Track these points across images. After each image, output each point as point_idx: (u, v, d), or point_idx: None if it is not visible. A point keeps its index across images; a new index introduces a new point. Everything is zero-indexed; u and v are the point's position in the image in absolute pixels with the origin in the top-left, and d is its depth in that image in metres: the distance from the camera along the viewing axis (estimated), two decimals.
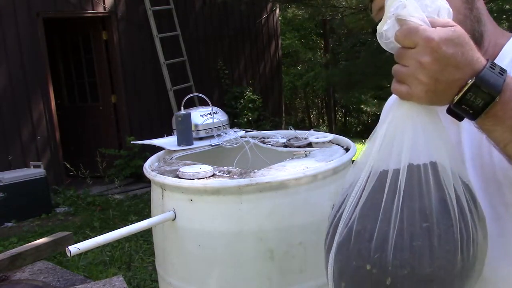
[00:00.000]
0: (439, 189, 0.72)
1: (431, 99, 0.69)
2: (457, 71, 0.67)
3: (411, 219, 0.70)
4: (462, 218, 0.71)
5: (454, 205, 0.71)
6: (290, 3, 8.30)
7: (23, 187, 5.10)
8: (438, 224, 0.70)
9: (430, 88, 0.68)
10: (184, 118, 1.83)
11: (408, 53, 0.68)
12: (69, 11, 6.16)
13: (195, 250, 1.42)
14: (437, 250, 0.70)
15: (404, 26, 0.68)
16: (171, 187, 1.45)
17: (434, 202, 0.71)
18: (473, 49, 0.68)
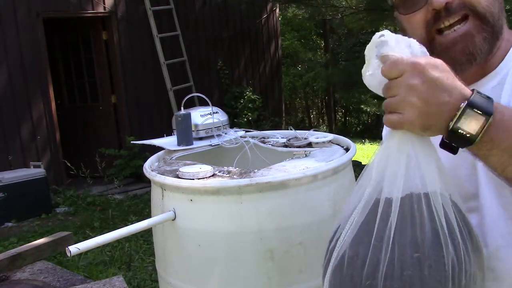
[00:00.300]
0: (432, 219, 0.72)
1: (424, 124, 0.69)
2: (445, 94, 0.68)
3: (403, 248, 0.71)
4: (454, 249, 0.71)
5: (447, 236, 0.71)
6: (290, 3, 8.30)
7: (23, 187, 5.10)
8: (429, 255, 0.70)
9: (421, 110, 0.68)
10: (184, 118, 1.83)
11: (397, 82, 0.69)
12: (69, 11, 6.16)
13: (195, 250, 1.42)
14: (427, 280, 0.70)
15: (389, 60, 0.70)
16: (171, 187, 1.45)
17: (426, 232, 0.71)
18: (455, 77, 0.70)
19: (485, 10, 0.81)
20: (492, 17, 0.82)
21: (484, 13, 0.81)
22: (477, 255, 0.75)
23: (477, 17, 0.82)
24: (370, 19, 6.18)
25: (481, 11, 0.81)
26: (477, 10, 0.81)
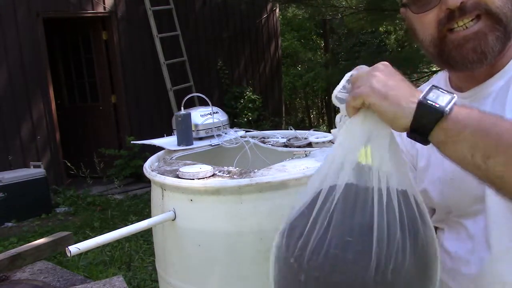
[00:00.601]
0: (378, 211, 0.73)
1: (381, 101, 0.71)
2: (403, 80, 0.73)
3: (337, 230, 0.74)
4: (387, 244, 0.72)
5: (384, 230, 0.72)
6: (290, 3, 8.30)
7: (23, 187, 5.10)
8: (360, 242, 0.72)
9: (379, 88, 0.71)
10: (184, 118, 1.83)
11: (359, 76, 0.74)
12: (69, 11, 6.15)
13: (195, 250, 1.42)
14: (350, 264, 0.72)
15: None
16: (171, 187, 1.45)
17: (365, 222, 0.73)
18: None
19: (499, 9, 0.81)
20: (505, 17, 0.82)
21: (498, 13, 0.81)
22: (420, 260, 0.75)
23: (490, 17, 0.81)
24: (370, 19, 6.18)
25: (495, 10, 0.81)
26: (491, 9, 0.81)
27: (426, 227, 0.78)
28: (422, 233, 0.76)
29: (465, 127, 0.68)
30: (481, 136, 0.67)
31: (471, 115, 0.69)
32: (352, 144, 0.76)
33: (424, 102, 0.70)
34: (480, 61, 0.83)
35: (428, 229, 0.78)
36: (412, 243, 0.74)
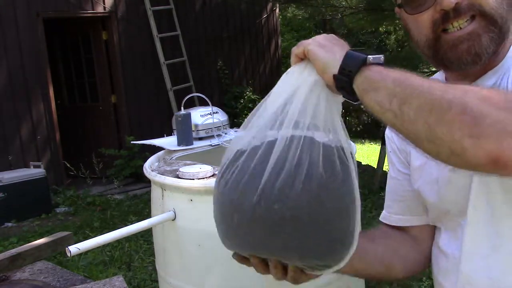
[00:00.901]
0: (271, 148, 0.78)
1: (318, 51, 0.78)
2: (339, 40, 0.80)
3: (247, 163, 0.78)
4: (278, 172, 0.76)
5: (279, 163, 0.76)
6: (290, 3, 8.30)
7: (23, 187, 5.10)
8: (257, 169, 0.76)
9: (318, 42, 0.79)
10: (184, 118, 1.83)
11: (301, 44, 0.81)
12: (69, 11, 6.16)
13: (195, 250, 1.42)
14: (243, 184, 0.77)
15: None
16: (171, 187, 1.46)
17: (266, 157, 0.77)
18: None
19: (494, 10, 0.81)
20: (500, 18, 0.82)
21: (492, 14, 0.82)
22: (312, 198, 0.77)
23: (485, 18, 0.82)
24: (370, 19, 6.17)
25: (490, 11, 0.82)
26: (485, 10, 0.82)
27: (336, 177, 0.79)
28: (322, 178, 0.77)
29: (386, 76, 0.72)
30: (399, 84, 0.71)
31: (393, 69, 0.73)
32: (287, 90, 0.81)
33: (352, 52, 0.76)
34: (474, 62, 0.84)
35: (339, 179, 0.79)
36: (306, 181, 0.75)
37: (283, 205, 0.74)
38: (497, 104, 0.64)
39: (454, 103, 0.65)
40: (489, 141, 0.63)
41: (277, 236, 0.76)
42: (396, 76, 0.72)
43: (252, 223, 0.77)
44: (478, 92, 0.66)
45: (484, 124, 0.63)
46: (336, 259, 0.81)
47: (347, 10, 6.41)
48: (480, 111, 0.64)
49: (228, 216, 0.81)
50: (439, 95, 0.67)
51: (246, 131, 0.82)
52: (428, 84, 0.69)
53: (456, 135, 0.65)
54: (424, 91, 0.68)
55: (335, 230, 0.78)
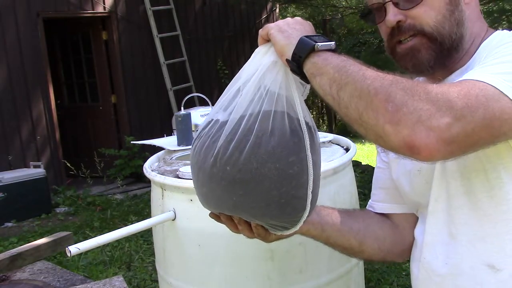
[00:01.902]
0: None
1: (277, 35, 0.88)
2: (301, 25, 0.88)
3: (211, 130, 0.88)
4: (232, 133, 0.85)
5: (232, 125, 0.85)
6: (290, 3, 8.30)
7: (23, 187, 5.10)
8: (215, 132, 0.87)
9: (280, 26, 0.89)
10: (184, 118, 1.83)
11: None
12: (69, 11, 6.15)
13: (195, 250, 1.42)
14: (204, 148, 0.87)
15: None
16: (171, 187, 1.46)
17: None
18: None
19: (433, 29, 0.89)
20: (440, 36, 0.88)
21: (431, 33, 0.89)
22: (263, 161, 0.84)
23: (425, 36, 0.89)
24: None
25: (429, 30, 0.89)
26: (424, 30, 0.89)
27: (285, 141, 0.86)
28: (268, 145, 0.85)
29: (330, 63, 0.80)
30: (338, 70, 0.78)
31: (338, 56, 0.80)
32: (250, 69, 0.92)
33: (304, 38, 0.84)
34: (416, 72, 0.94)
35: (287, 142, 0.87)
36: (254, 147, 0.84)
37: (232, 168, 0.84)
38: (417, 94, 0.70)
39: (380, 91, 0.72)
40: (405, 128, 0.70)
41: (230, 195, 0.86)
42: (337, 63, 0.79)
43: (211, 181, 0.87)
44: (403, 83, 0.72)
45: (402, 112, 0.70)
46: (290, 221, 0.91)
47: (347, 10, 6.42)
48: (400, 100, 0.70)
49: (195, 175, 0.92)
50: (368, 83, 0.73)
51: (216, 106, 0.93)
52: (363, 72, 0.75)
53: (380, 121, 0.72)
54: (357, 79, 0.75)
55: (283, 194, 0.85)
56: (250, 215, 0.90)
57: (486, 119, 0.70)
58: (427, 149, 0.69)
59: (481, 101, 0.70)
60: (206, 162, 0.87)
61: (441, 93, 0.70)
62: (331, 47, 0.83)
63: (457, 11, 0.89)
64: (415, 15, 0.89)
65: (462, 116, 0.69)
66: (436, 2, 0.88)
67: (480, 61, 0.85)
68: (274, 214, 0.88)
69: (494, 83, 0.72)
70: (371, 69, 0.77)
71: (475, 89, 0.71)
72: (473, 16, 0.92)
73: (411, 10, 0.89)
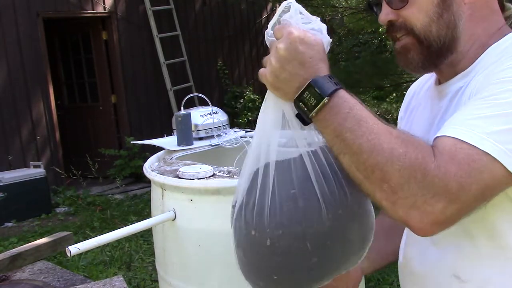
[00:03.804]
0: (302, 164, 0.84)
1: (274, 84, 0.81)
2: (300, 68, 0.79)
3: (282, 189, 0.83)
4: (326, 183, 0.82)
5: (319, 173, 0.82)
6: None
7: (23, 187, 5.10)
8: (303, 190, 0.82)
9: (274, 71, 0.79)
10: (184, 118, 1.83)
11: (274, 42, 0.81)
12: (69, 11, 6.15)
13: (195, 250, 1.42)
14: (304, 211, 0.81)
15: (282, 24, 0.81)
16: (171, 187, 1.46)
17: (300, 172, 0.84)
18: (323, 60, 0.81)
19: (420, 31, 0.88)
20: (427, 39, 0.88)
21: (419, 34, 0.89)
22: (356, 190, 0.81)
23: (414, 37, 0.90)
24: (370, 19, 6.18)
25: (417, 32, 0.89)
26: (413, 30, 0.89)
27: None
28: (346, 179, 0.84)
29: (328, 125, 0.78)
30: (336, 136, 0.77)
31: (337, 114, 0.77)
32: (270, 127, 0.88)
33: (297, 103, 0.79)
34: (410, 70, 0.94)
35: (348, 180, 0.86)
36: (345, 184, 0.83)
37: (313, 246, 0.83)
38: (413, 177, 0.71)
39: (376, 169, 0.73)
40: (401, 210, 0.73)
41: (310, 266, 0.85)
42: (335, 127, 0.77)
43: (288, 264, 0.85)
44: (400, 161, 0.72)
45: (397, 195, 0.72)
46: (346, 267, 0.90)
47: (347, 10, 6.42)
48: (396, 183, 0.72)
49: (265, 262, 0.89)
50: (365, 158, 0.74)
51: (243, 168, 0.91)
52: (359, 142, 0.74)
53: (377, 196, 0.75)
54: (353, 150, 0.75)
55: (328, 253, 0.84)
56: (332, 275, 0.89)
57: (479, 193, 0.72)
58: (421, 230, 0.74)
59: (475, 177, 0.70)
60: (315, 221, 0.82)
61: (439, 176, 0.70)
62: (325, 102, 0.77)
63: (447, 13, 0.87)
64: (405, 15, 0.89)
65: (457, 198, 0.70)
66: (424, 4, 0.87)
67: (486, 68, 0.83)
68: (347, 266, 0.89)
69: (487, 148, 0.71)
70: (370, 125, 0.75)
71: (469, 163, 0.71)
72: (476, 17, 0.88)
73: (401, 10, 0.89)
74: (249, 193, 0.87)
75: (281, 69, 0.79)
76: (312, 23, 0.84)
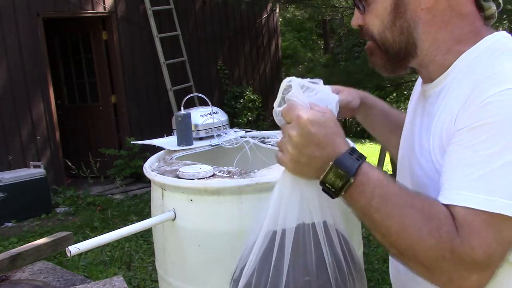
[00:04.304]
0: (318, 247, 0.85)
1: (295, 169, 0.83)
2: (318, 149, 0.79)
3: (296, 274, 0.83)
4: (339, 271, 0.84)
5: (332, 261, 0.84)
6: (290, 3, 8.30)
7: (23, 187, 5.10)
8: (318, 277, 0.83)
9: (294, 158, 0.81)
10: (184, 118, 1.83)
11: (285, 127, 0.83)
12: (69, 11, 6.15)
13: (195, 250, 1.42)
14: None
15: (287, 104, 0.83)
16: (171, 187, 1.45)
17: (314, 258, 0.84)
18: (337, 134, 0.81)
19: (377, 38, 0.92)
20: (384, 44, 0.91)
21: (377, 40, 0.92)
22: (359, 275, 0.86)
23: (374, 42, 0.93)
24: None
25: (376, 37, 0.92)
26: (373, 37, 0.93)
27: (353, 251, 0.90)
28: (354, 252, 0.88)
29: (356, 202, 0.80)
30: (364, 214, 0.80)
31: (363, 192, 0.78)
32: (289, 200, 0.86)
33: (323, 183, 0.81)
34: (378, 70, 0.96)
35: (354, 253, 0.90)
36: (353, 264, 0.86)
37: None
38: (442, 256, 0.74)
39: (407, 252, 0.76)
40: (440, 283, 0.77)
41: None
42: (362, 205, 0.79)
43: None
44: (427, 241, 0.74)
45: (432, 271, 0.76)
46: None
47: (347, 10, 6.41)
48: (429, 263, 0.75)
49: None
50: (393, 240, 0.77)
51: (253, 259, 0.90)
52: (386, 226, 0.77)
53: (414, 270, 0.79)
54: (383, 232, 0.78)
55: None
56: None
57: (505, 249, 0.75)
58: None
59: (497, 240, 0.73)
60: None
61: (466, 252, 0.73)
62: (352, 182, 0.79)
63: (401, 20, 0.88)
64: (367, 21, 0.93)
65: (487, 266, 0.74)
66: (380, 11, 0.90)
67: (461, 80, 0.83)
68: None
69: (497, 209, 0.73)
70: (395, 203, 0.77)
71: (487, 230, 0.73)
72: (438, 21, 0.87)
73: (364, 16, 0.93)
74: (260, 272, 0.86)
75: (300, 154, 0.80)
76: (315, 91, 0.85)
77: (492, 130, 0.74)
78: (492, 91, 0.75)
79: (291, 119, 0.81)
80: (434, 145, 0.85)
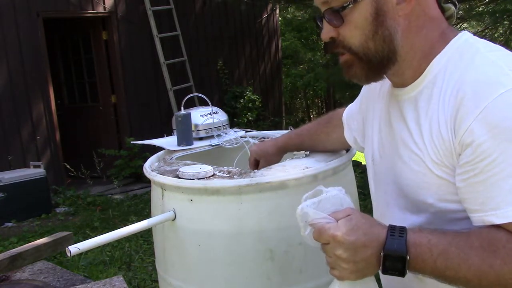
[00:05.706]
0: None
1: (358, 276, 0.86)
2: (366, 249, 0.83)
3: None
4: None
5: None
6: (290, 4, 8.30)
7: (23, 187, 5.10)
8: None
9: (352, 269, 0.84)
10: (184, 118, 1.83)
11: (327, 248, 0.85)
12: (69, 11, 6.15)
13: (195, 250, 1.42)
14: None
15: (315, 228, 0.85)
16: (171, 187, 1.45)
17: None
18: (371, 225, 0.85)
19: (358, 49, 0.90)
20: (366, 55, 0.90)
21: (357, 52, 0.91)
22: None
23: (354, 54, 0.92)
24: None
25: (355, 50, 0.91)
26: (351, 49, 0.91)
27: None
28: None
29: (423, 274, 0.83)
30: (438, 277, 0.83)
31: (426, 265, 0.82)
32: None
33: (386, 273, 0.84)
34: (357, 82, 0.96)
35: None
36: None
37: None
38: None
39: (496, 287, 0.79)
40: None
41: None
42: (431, 272, 0.82)
43: None
44: (507, 272, 0.77)
45: None
46: None
47: None
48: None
49: None
50: (476, 284, 0.79)
51: None
52: (461, 276, 0.80)
53: None
54: (463, 284, 0.81)
55: None
56: None
57: None
58: None
59: None
60: None
61: None
62: (408, 259, 0.82)
63: (382, 29, 0.88)
64: (343, 34, 0.90)
65: None
66: (359, 21, 0.88)
67: (435, 84, 0.87)
68: None
69: None
70: (456, 253, 0.80)
71: None
72: (414, 26, 0.89)
73: (340, 28, 0.90)
74: None
75: (355, 264, 0.84)
76: (325, 197, 0.88)
77: (500, 139, 0.77)
78: (490, 98, 0.78)
79: (328, 240, 0.84)
80: (428, 149, 0.87)
